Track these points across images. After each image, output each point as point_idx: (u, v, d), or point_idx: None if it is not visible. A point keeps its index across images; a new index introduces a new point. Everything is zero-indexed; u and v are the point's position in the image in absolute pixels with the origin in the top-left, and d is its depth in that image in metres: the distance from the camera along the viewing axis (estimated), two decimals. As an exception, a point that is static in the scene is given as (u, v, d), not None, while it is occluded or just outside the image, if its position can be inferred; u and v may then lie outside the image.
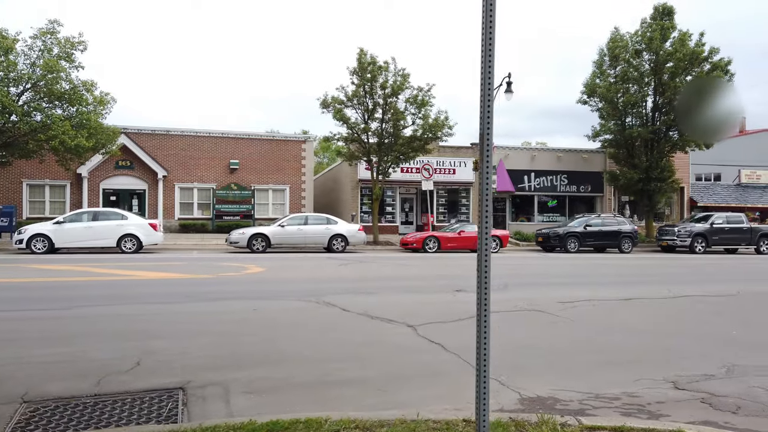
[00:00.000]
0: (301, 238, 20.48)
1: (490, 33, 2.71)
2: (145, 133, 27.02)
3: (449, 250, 22.59)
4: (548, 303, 8.74)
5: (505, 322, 7.56)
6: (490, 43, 2.71)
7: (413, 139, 24.94)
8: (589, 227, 24.46)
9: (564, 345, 6.41)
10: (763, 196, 36.33)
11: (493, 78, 2.76)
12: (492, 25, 2.72)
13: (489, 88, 2.74)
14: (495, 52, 2.76)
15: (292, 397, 4.55)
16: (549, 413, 4.25)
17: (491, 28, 2.72)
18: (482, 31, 2.72)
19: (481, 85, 2.75)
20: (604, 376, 5.26)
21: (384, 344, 6.26)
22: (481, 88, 2.75)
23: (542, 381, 5.03)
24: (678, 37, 27.65)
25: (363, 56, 24.43)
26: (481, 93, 2.74)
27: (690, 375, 5.24)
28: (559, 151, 33.45)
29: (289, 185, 28.90)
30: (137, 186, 26.89)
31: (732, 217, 26.29)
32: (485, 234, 2.82)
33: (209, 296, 9.05)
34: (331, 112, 24.37)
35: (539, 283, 11.80)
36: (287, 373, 5.13)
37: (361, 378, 5.07)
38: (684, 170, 33.27)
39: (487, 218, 2.81)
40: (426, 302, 8.92)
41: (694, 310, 8.75)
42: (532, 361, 5.74)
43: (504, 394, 4.70)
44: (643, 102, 28.81)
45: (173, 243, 22.03)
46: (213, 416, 4.07)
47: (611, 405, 4.50)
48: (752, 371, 5.40)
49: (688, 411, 4.37)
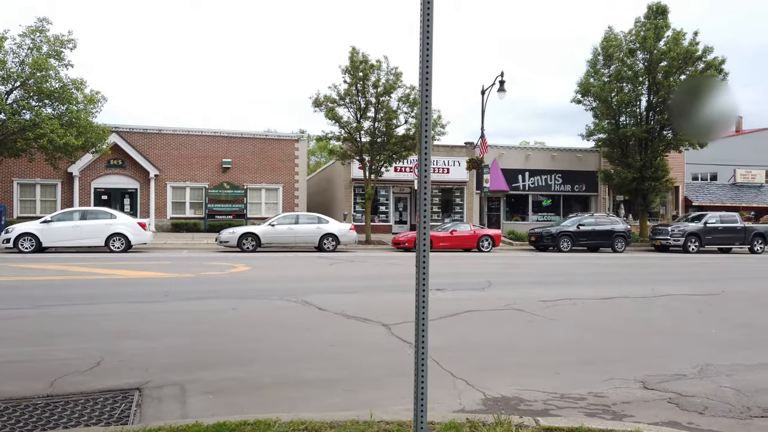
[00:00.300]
0: (292, 237, 20.38)
1: (427, 28, 2.62)
2: (136, 132, 26.92)
3: (441, 250, 22.51)
4: (529, 302, 8.66)
5: (483, 321, 7.48)
6: (427, 41, 2.63)
7: (406, 138, 24.85)
8: (582, 227, 24.38)
9: (539, 344, 6.33)
10: (758, 196, 36.29)
11: (431, 71, 2.67)
12: (430, 20, 2.63)
13: (428, 81, 2.65)
14: (433, 48, 2.67)
15: (253, 397, 4.47)
16: (510, 413, 4.16)
17: (429, 23, 2.63)
18: (420, 27, 2.63)
19: (419, 79, 2.66)
20: (575, 375, 5.18)
21: (356, 344, 6.18)
22: (419, 81, 2.66)
23: (511, 381, 4.95)
24: (672, 36, 27.57)
25: (355, 55, 24.34)
26: (420, 88, 2.66)
27: (661, 375, 5.16)
28: (554, 150, 33.37)
29: (282, 184, 28.79)
30: (129, 185, 26.77)
31: (725, 217, 26.21)
32: (423, 232, 2.73)
33: (188, 295, 8.96)
34: (324, 111, 24.27)
35: (524, 282, 11.71)
36: (253, 374, 5.04)
37: (328, 378, 4.99)
38: (678, 169, 33.20)
39: (425, 214, 2.72)
40: (406, 301, 8.81)
41: (675, 309, 8.66)
42: (503, 361, 5.66)
43: (469, 395, 4.62)
44: (637, 101, 28.72)
45: (164, 242, 21.92)
46: (165, 417, 3.97)
47: (576, 405, 4.41)
48: (725, 371, 5.32)
49: (653, 411, 4.29)
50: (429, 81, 2.64)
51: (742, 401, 4.49)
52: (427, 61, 2.60)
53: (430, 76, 2.65)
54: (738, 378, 5.09)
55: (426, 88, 2.63)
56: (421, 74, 2.65)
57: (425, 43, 2.61)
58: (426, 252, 2.74)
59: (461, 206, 31.44)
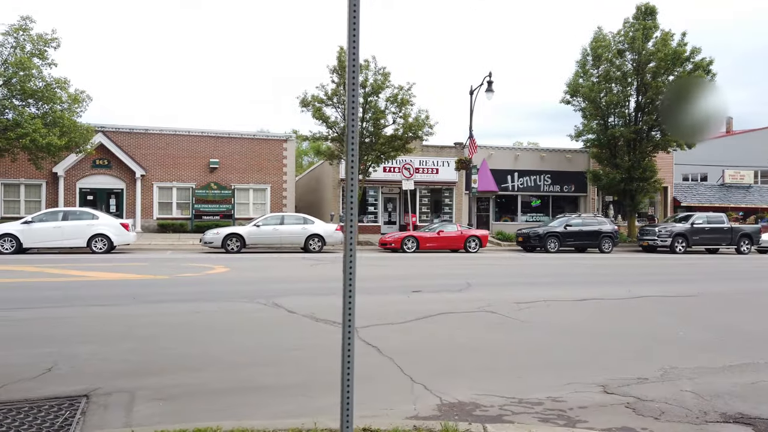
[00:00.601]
0: (277, 238, 20.27)
1: (354, 33, 2.54)
2: (122, 132, 26.71)
3: (428, 250, 22.44)
4: (504, 304, 8.59)
5: (454, 322, 7.41)
6: (354, 42, 2.55)
7: (394, 138, 24.78)
8: (569, 227, 24.37)
9: (506, 347, 6.26)
10: (746, 197, 36.43)
11: (357, 68, 2.59)
12: (356, 25, 2.55)
13: (354, 79, 2.57)
14: (360, 50, 2.59)
15: (205, 404, 4.38)
16: (463, 419, 4.10)
17: (355, 28, 2.55)
18: (348, 32, 2.55)
19: (346, 80, 2.58)
20: (537, 379, 5.11)
21: (320, 347, 6.09)
22: (346, 81, 2.59)
23: (471, 385, 4.88)
24: (660, 36, 27.63)
25: (343, 54, 24.24)
26: (346, 90, 2.58)
27: (623, 378, 5.10)
28: (543, 151, 33.39)
29: (270, 185, 28.66)
30: (115, 185, 26.57)
31: (712, 217, 26.27)
32: (350, 233, 2.65)
33: (157, 298, 8.84)
34: (311, 111, 24.17)
35: (504, 284, 11.65)
36: (208, 379, 4.95)
37: (285, 383, 4.90)
38: (667, 170, 33.27)
39: (352, 215, 2.64)
40: (380, 303, 8.75)
41: (648, 310, 8.61)
42: (467, 364, 5.58)
43: (424, 400, 4.54)
44: (626, 102, 28.75)
45: (148, 243, 21.75)
46: (108, 426, 3.89)
47: (532, 410, 4.34)
48: (688, 374, 5.26)
49: (608, 416, 4.23)
50: (356, 68, 2.56)
51: (701, 406, 4.44)
52: (353, 50, 2.52)
53: (357, 65, 2.57)
54: (700, 382, 5.04)
55: (353, 78, 2.55)
56: (348, 62, 2.57)
57: (352, 43, 2.54)
58: (353, 252, 2.66)
59: (450, 207, 31.39)
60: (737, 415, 4.24)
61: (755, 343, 6.66)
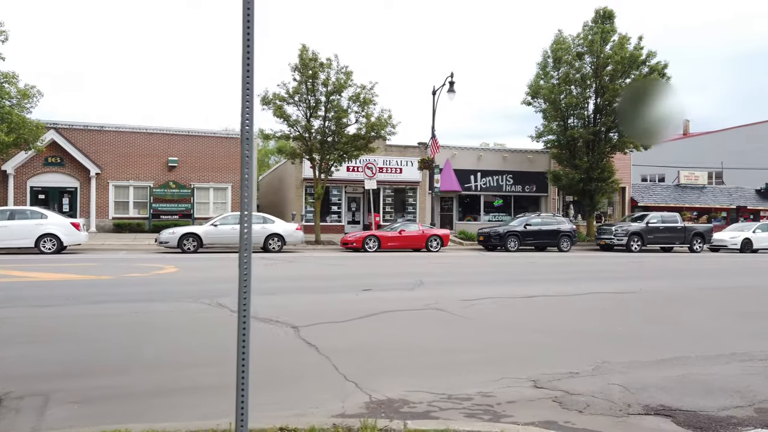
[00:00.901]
0: (235, 237, 19.90)
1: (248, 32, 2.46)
2: (76, 129, 25.89)
3: (390, 250, 22.44)
4: (452, 301, 8.61)
5: (398, 321, 7.38)
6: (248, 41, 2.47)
7: (357, 138, 24.67)
8: (529, 226, 24.71)
9: (447, 344, 6.26)
10: (700, 197, 37.61)
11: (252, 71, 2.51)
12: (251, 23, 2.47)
13: (249, 82, 2.49)
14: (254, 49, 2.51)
15: (128, 406, 4.24)
16: (389, 416, 4.06)
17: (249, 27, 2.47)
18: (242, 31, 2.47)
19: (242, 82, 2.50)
20: (471, 375, 5.12)
21: (258, 347, 5.90)
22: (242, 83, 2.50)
23: (405, 382, 4.85)
24: (618, 40, 28.26)
25: (305, 52, 24.04)
26: (242, 91, 2.50)
27: (555, 373, 5.15)
28: (505, 151, 33.80)
29: (231, 184, 28.21)
30: (68, 184, 25.72)
31: (667, 217, 27.03)
32: (245, 232, 2.57)
33: (98, 298, 8.55)
34: (272, 109, 23.87)
35: (457, 282, 11.71)
36: (135, 381, 4.79)
37: (217, 384, 4.77)
38: (625, 171, 34.07)
39: (247, 215, 2.56)
40: (327, 302, 8.68)
41: (592, 306, 8.76)
42: (405, 361, 5.55)
43: (355, 398, 4.49)
44: (585, 103, 29.30)
45: (101, 243, 21.12)
46: (15, 430, 3.72)
47: (460, 406, 4.34)
48: (619, 367, 5.34)
49: (534, 411, 4.25)
50: (250, 71, 2.48)
51: (626, 399, 4.50)
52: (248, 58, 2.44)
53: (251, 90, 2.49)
54: (630, 375, 5.12)
55: (246, 101, 2.47)
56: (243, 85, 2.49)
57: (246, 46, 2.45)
58: (248, 252, 2.58)
59: (414, 206, 31.47)
60: (659, 407, 4.31)
61: (690, 337, 6.83)
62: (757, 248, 27.71)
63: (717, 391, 4.64)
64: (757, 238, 27.91)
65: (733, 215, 37.15)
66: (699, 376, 5.12)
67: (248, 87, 2.47)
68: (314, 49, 24.18)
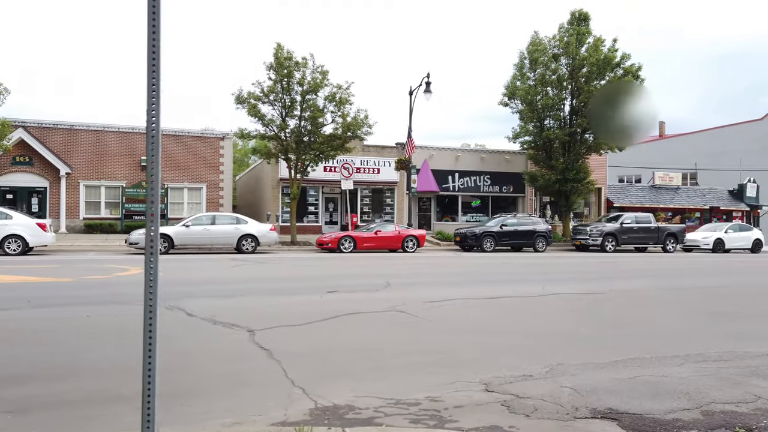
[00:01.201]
0: (208, 238, 19.65)
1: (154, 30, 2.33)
2: (46, 127, 25.32)
3: (366, 250, 22.32)
4: (417, 303, 8.52)
5: (360, 323, 7.27)
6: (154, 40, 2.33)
7: (333, 138, 24.52)
8: (505, 227, 24.78)
9: (404, 346, 6.16)
10: (674, 198, 38.14)
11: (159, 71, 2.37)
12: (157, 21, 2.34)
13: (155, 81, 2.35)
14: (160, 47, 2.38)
15: (61, 415, 4.06)
16: (332, 423, 3.95)
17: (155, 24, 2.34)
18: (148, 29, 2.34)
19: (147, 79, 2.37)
20: (425, 378, 5.02)
21: (209, 351, 5.82)
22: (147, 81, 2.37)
23: (354, 386, 4.73)
24: (593, 42, 28.52)
25: (280, 51, 23.82)
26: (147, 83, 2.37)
27: (509, 376, 5.07)
28: (483, 152, 33.93)
29: (206, 184, 27.84)
30: (37, 183, 25.14)
31: (641, 217, 27.35)
32: (152, 233, 2.43)
33: (52, 301, 8.30)
34: (246, 108, 23.60)
35: (425, 283, 11.64)
36: (64, 389, 4.59)
37: (164, 392, 4.59)
38: (601, 172, 34.43)
39: (153, 214, 2.43)
40: (289, 304, 8.53)
41: (556, 308, 8.74)
42: (360, 365, 5.44)
43: (300, 404, 4.36)
44: (561, 105, 29.52)
45: (70, 244, 20.66)
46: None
47: (406, 411, 4.23)
48: (572, 370, 5.29)
49: (481, 415, 4.16)
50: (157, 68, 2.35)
51: (575, 401, 4.44)
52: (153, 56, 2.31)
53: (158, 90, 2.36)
54: (583, 377, 5.07)
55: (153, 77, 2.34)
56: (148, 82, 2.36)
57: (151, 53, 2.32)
58: (154, 254, 2.44)
59: (392, 207, 31.41)
60: (607, 410, 4.26)
61: (649, 338, 6.83)
62: (729, 248, 28.18)
63: (666, 394, 4.60)
64: (729, 238, 28.40)
65: (706, 216, 37.76)
66: (651, 377, 5.09)
67: (154, 78, 2.34)
68: (289, 48, 24.01)
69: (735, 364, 5.57)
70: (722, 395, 4.59)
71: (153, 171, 2.38)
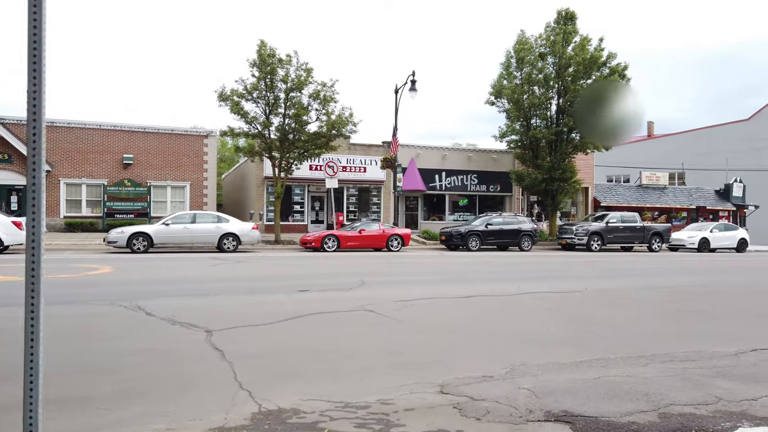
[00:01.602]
0: (188, 237, 19.36)
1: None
2: (25, 124, 24.83)
3: (350, 249, 22.11)
4: (387, 302, 8.35)
5: (325, 323, 7.08)
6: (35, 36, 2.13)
7: (318, 136, 24.28)
8: (490, 226, 24.65)
9: (365, 347, 5.99)
10: (661, 197, 38.19)
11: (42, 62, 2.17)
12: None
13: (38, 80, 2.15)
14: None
15: None
16: (272, 429, 3.77)
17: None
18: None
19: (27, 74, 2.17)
20: (380, 380, 4.85)
21: (159, 353, 5.60)
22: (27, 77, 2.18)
23: (305, 389, 4.54)
24: (579, 41, 28.45)
25: (263, 48, 23.56)
26: (27, 71, 2.17)
27: (468, 377, 4.91)
28: (470, 151, 33.80)
29: (189, 182, 27.50)
30: (16, 181, 24.69)
31: (626, 216, 27.32)
32: (32, 227, 2.24)
33: (10, 301, 8.04)
34: (229, 106, 23.32)
35: (401, 282, 11.46)
36: (7, 392, 4.38)
37: (94, 394, 4.38)
38: (588, 171, 34.39)
39: (35, 211, 2.23)
40: (257, 303, 8.33)
41: (528, 307, 8.58)
42: (315, 366, 5.25)
43: (243, 408, 4.16)
44: (548, 104, 29.42)
45: (48, 243, 20.26)
46: None
47: (353, 415, 4.05)
48: (534, 371, 5.13)
49: (431, 418, 3.99)
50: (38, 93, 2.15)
51: (530, 404, 4.28)
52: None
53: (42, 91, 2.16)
54: (542, 378, 4.91)
55: (33, 97, 2.14)
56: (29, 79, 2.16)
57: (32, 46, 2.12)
58: (36, 251, 2.24)
59: (378, 206, 31.21)
60: (561, 413, 4.10)
61: (618, 338, 6.68)
62: (715, 247, 28.22)
63: (624, 395, 4.45)
64: (715, 237, 28.44)
65: (693, 215, 37.85)
66: (614, 378, 4.94)
67: (36, 62, 2.14)
68: (273, 45, 23.75)
69: (701, 365, 5.43)
70: (683, 397, 4.44)
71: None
